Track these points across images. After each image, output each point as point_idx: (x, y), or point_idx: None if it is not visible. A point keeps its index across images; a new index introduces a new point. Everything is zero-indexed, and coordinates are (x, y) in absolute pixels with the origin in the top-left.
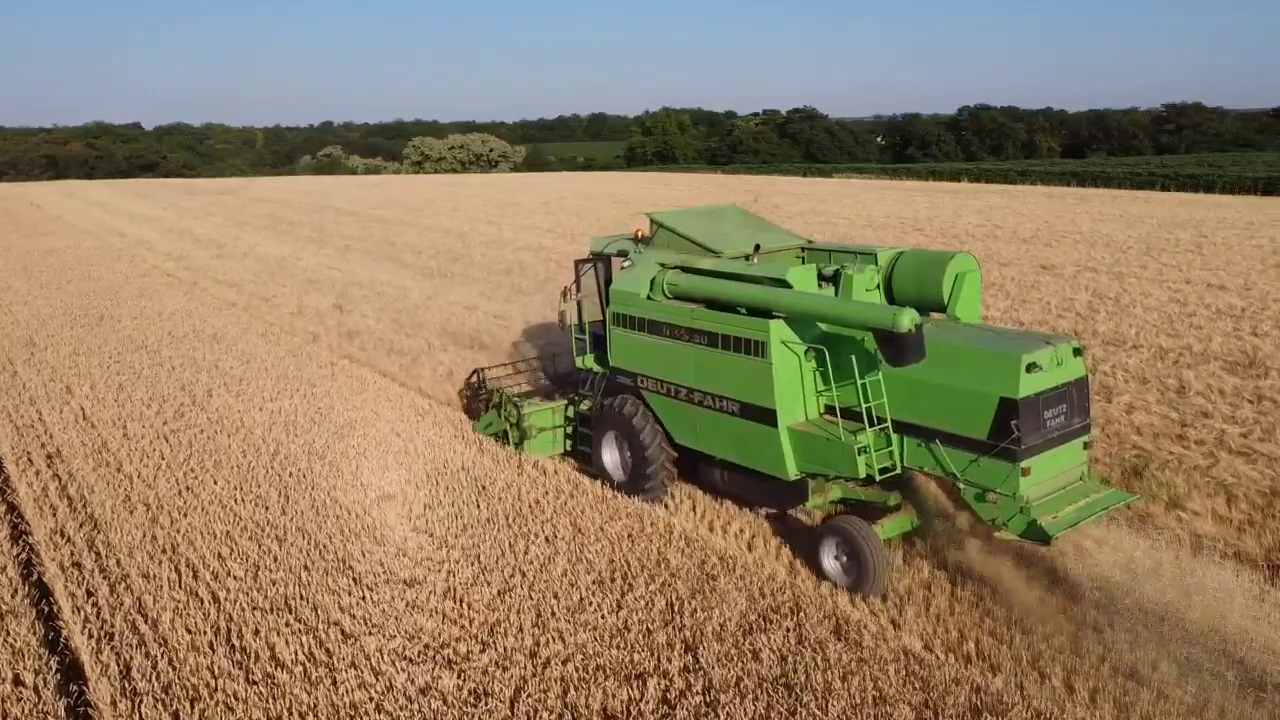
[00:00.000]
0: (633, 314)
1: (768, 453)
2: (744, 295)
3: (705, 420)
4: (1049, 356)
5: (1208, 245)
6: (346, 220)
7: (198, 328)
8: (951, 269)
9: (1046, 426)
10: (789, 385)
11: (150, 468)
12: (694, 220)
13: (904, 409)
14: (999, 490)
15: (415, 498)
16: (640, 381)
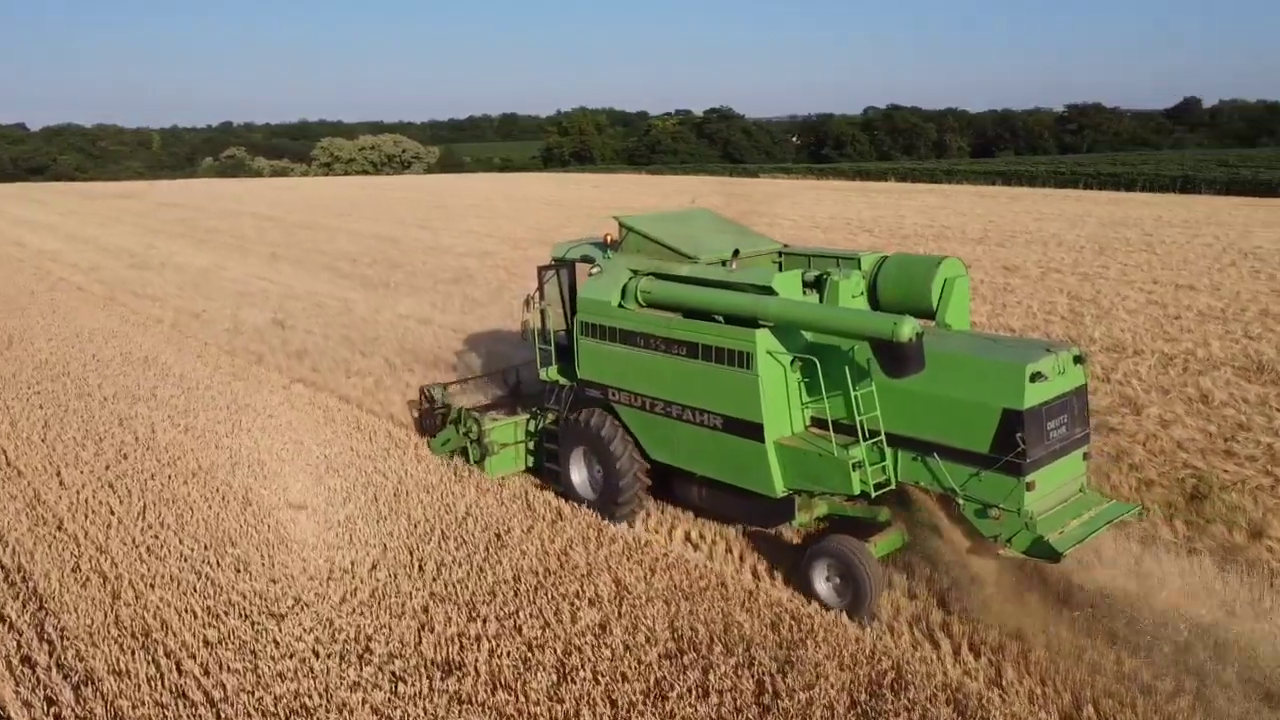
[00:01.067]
0: (603, 323)
1: (753, 469)
2: (728, 303)
3: (684, 435)
4: (1052, 364)
5: (1158, 244)
6: (268, 226)
7: (125, 349)
8: (940, 274)
9: (1050, 438)
10: (776, 397)
11: (98, 525)
12: (665, 224)
13: (898, 421)
14: (1002, 506)
15: (426, 552)
16: (611, 394)
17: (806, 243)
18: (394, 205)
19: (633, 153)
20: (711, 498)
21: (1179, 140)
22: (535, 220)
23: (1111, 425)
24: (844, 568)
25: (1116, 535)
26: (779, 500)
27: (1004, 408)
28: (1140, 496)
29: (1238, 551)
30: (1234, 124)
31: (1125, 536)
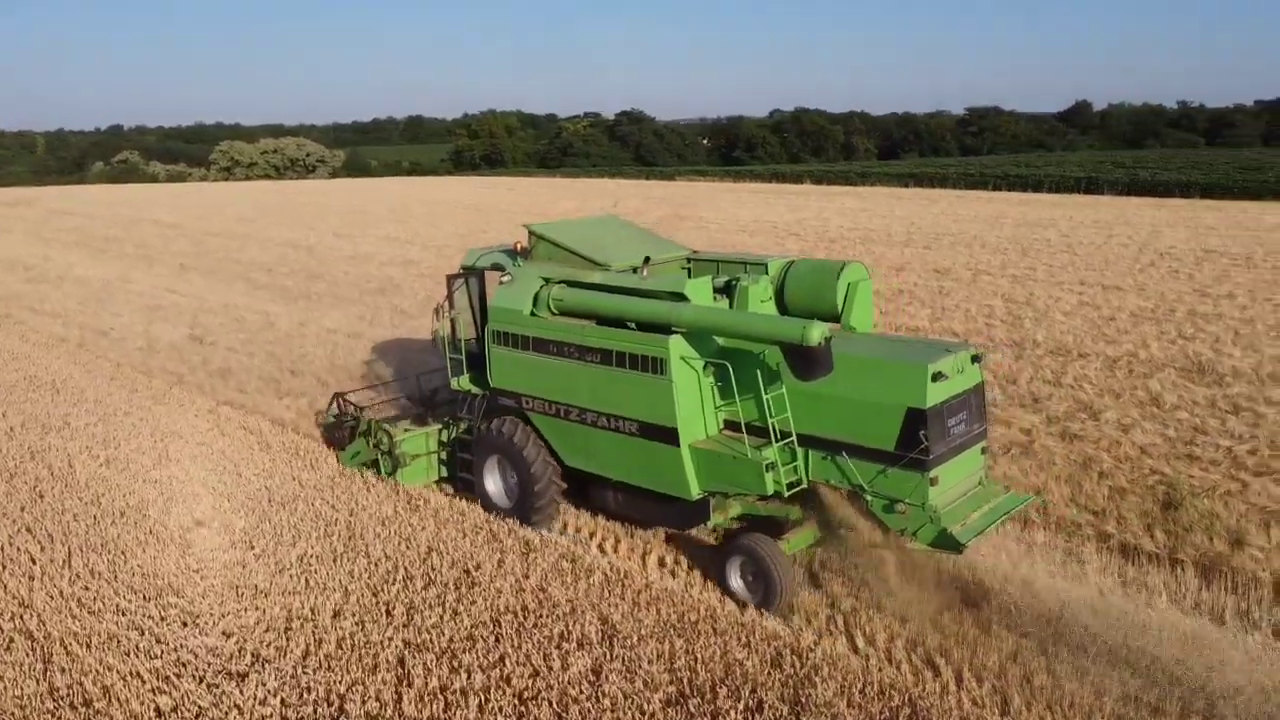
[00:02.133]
0: (515, 331)
1: (669, 472)
2: (641, 311)
3: (600, 441)
4: (952, 364)
5: (1076, 245)
6: (172, 234)
7: (30, 373)
8: (844, 278)
9: (951, 435)
10: (690, 402)
11: (18, 577)
12: (576, 231)
13: (808, 422)
14: (908, 501)
15: (392, 594)
16: (525, 402)
17: (736, 247)
18: (304, 211)
19: (544, 155)
20: (627, 502)
21: (1072, 142)
22: (455, 226)
23: (1074, 431)
24: (756, 565)
25: (1100, 547)
26: (695, 503)
27: (908, 407)
28: (1116, 506)
29: (1222, 560)
30: (1122, 126)
31: (1108, 550)
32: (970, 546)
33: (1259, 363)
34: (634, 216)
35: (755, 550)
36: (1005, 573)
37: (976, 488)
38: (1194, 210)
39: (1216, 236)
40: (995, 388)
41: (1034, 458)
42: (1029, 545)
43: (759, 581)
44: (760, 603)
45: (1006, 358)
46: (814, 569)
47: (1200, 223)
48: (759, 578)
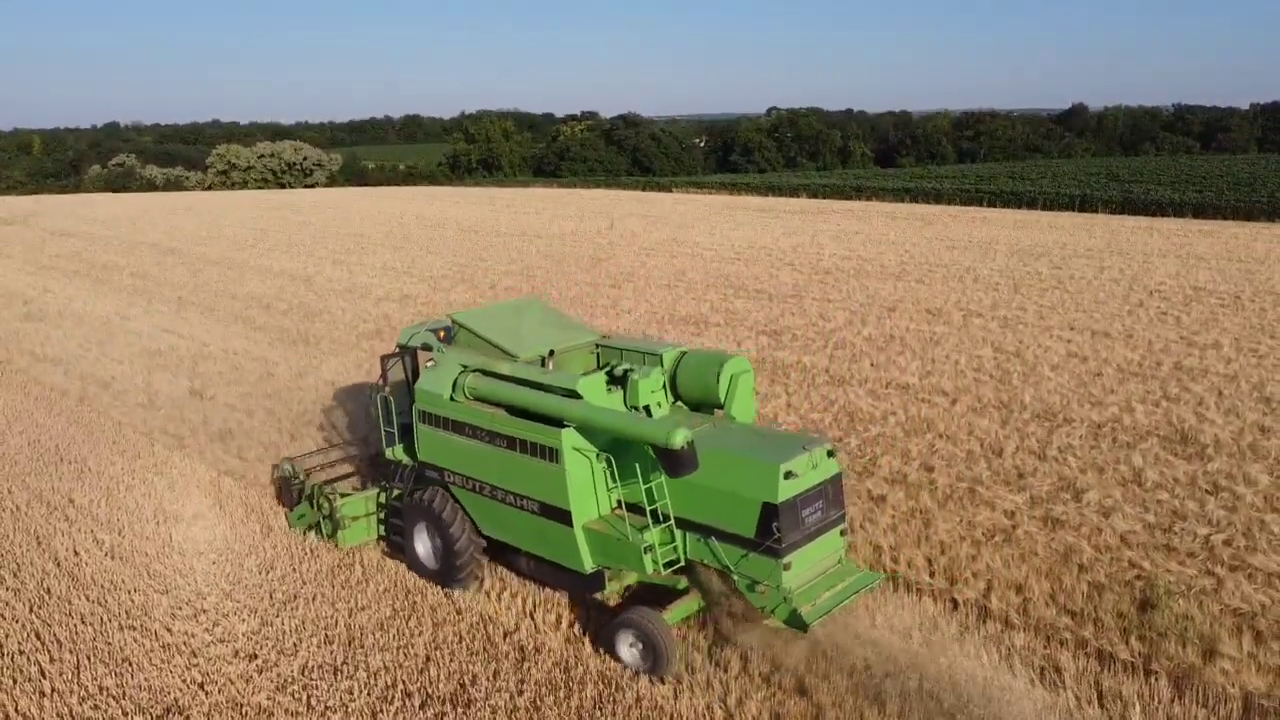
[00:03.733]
0: (437, 413)
1: (566, 548)
2: (538, 404)
3: (509, 515)
4: (805, 461)
5: (1067, 280)
6: (170, 261)
7: (33, 438)
8: (727, 371)
9: (805, 524)
10: (582, 488)
11: (29, 695)
12: (493, 320)
13: (684, 508)
14: (766, 582)
15: (390, 716)
16: (447, 476)
17: (730, 276)
18: (303, 232)
19: (540, 160)
20: (538, 568)
21: (1068, 146)
22: (453, 252)
23: (1056, 516)
24: (643, 636)
25: (1078, 653)
26: (590, 575)
27: (763, 501)
28: (1094, 605)
29: (1194, 672)
30: (1118, 130)
31: (1085, 655)
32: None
33: (1240, 430)
34: (631, 240)
35: (641, 623)
36: (986, 678)
37: (835, 566)
38: (1186, 235)
39: (1206, 269)
40: (981, 460)
41: (1016, 546)
42: (1009, 649)
43: (648, 650)
44: (649, 670)
45: (994, 423)
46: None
47: (1191, 251)
48: (647, 647)
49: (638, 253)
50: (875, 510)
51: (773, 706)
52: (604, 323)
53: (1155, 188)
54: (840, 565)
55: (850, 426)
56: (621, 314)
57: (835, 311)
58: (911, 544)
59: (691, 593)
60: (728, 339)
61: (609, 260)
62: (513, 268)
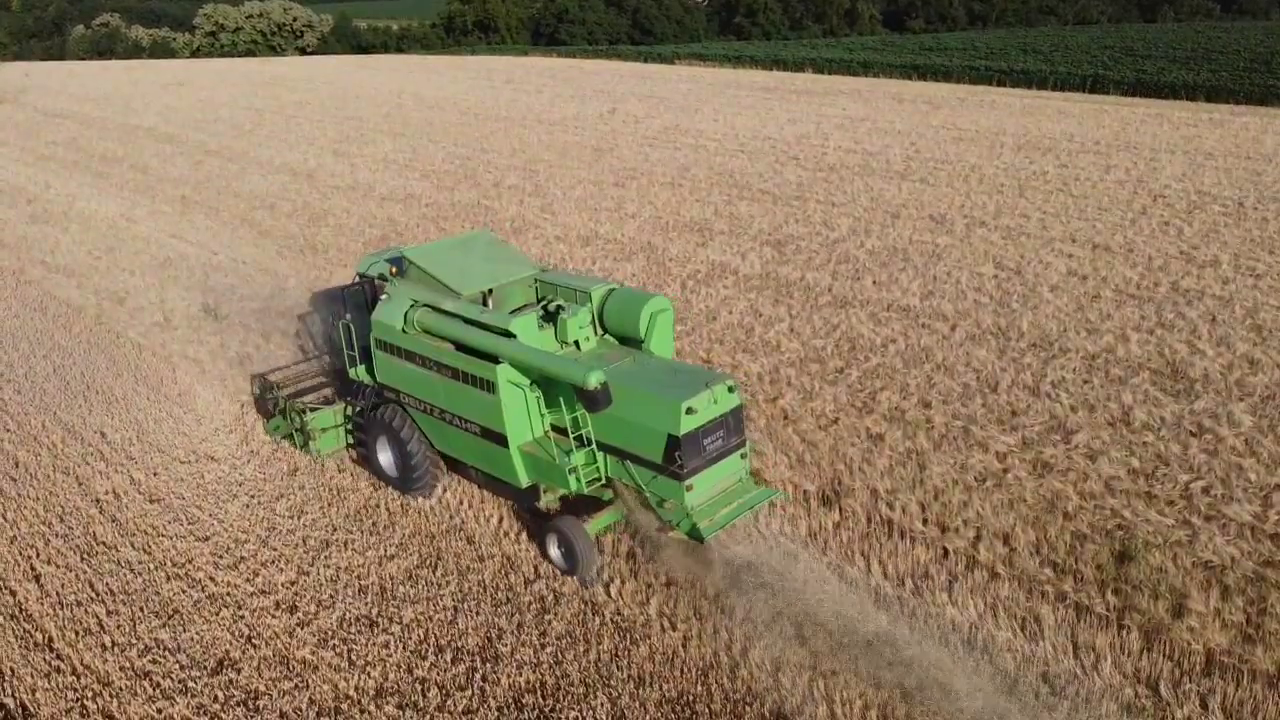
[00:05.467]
0: (391, 342)
1: (504, 466)
2: (477, 342)
3: (456, 435)
4: (706, 398)
5: (1073, 181)
6: (169, 151)
7: (57, 364)
8: (647, 309)
9: (706, 451)
10: (516, 415)
11: (92, 648)
12: (441, 256)
13: (604, 435)
14: (671, 500)
15: (425, 672)
16: (403, 397)
17: (734, 171)
18: (302, 117)
19: (538, 24)
20: (483, 479)
21: (1084, 8)
22: (454, 141)
23: (1046, 459)
24: (565, 541)
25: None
26: (526, 488)
27: (668, 433)
28: (1075, 558)
29: (1163, 629)
30: None
31: (1064, 607)
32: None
33: (1230, 363)
34: (634, 126)
35: (564, 530)
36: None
37: (735, 484)
38: (1196, 125)
39: (1213, 170)
40: (978, 396)
41: (1005, 492)
42: (995, 599)
43: (570, 554)
44: (568, 570)
45: (991, 353)
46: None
47: (1200, 147)
48: (569, 551)
49: (640, 143)
50: (873, 450)
51: (774, 655)
52: (609, 229)
53: (1168, 66)
54: (740, 484)
55: (851, 356)
56: (625, 219)
57: (839, 218)
58: (907, 488)
59: (615, 505)
60: (731, 249)
61: (611, 153)
62: (515, 161)
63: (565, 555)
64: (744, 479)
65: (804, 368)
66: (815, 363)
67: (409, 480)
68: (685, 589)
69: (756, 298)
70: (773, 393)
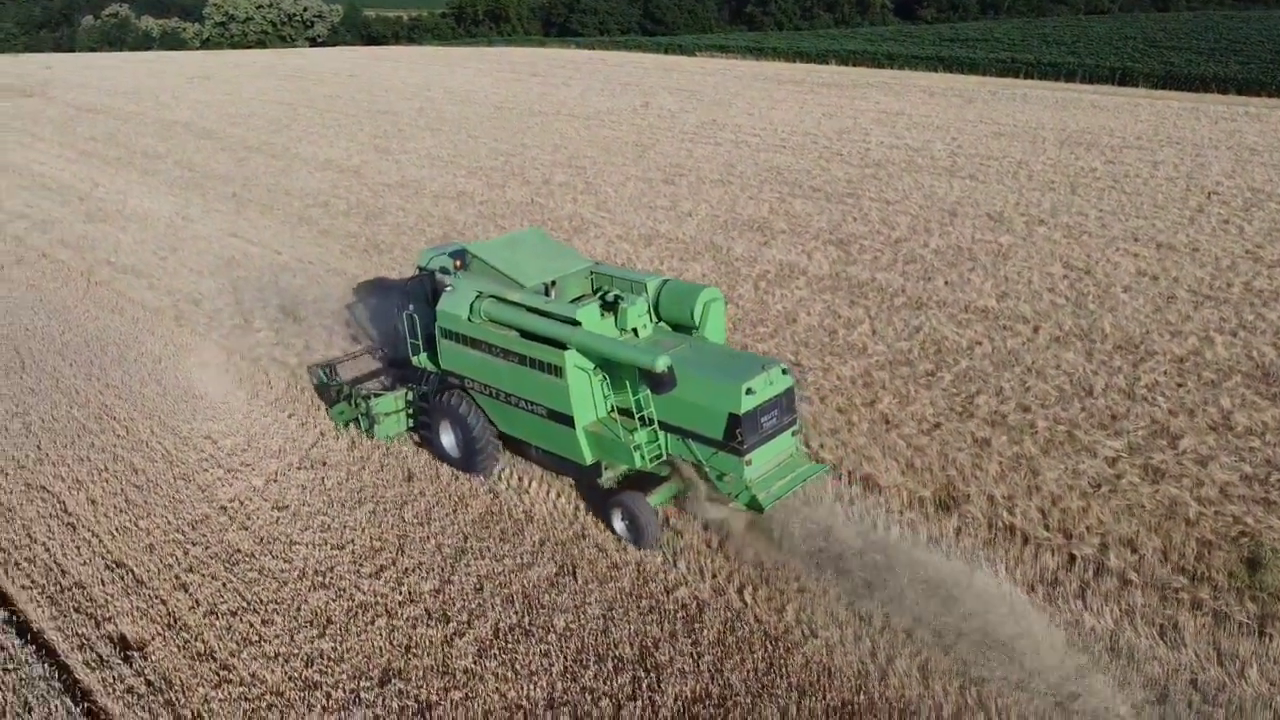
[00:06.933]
0: (458, 331)
1: (569, 445)
2: (545, 329)
3: (521, 417)
4: (763, 380)
5: (1123, 179)
6: (210, 148)
7: (153, 372)
8: (700, 300)
9: (763, 428)
10: (582, 397)
11: (256, 658)
12: (501, 251)
13: (666, 415)
14: (731, 474)
15: (613, 688)
16: (468, 383)
17: (779, 168)
18: (334, 111)
19: (549, 13)
20: (545, 458)
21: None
22: (493, 136)
23: (1156, 465)
24: (630, 514)
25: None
26: (589, 465)
27: (729, 412)
28: (1205, 565)
29: None
30: None
31: (1200, 613)
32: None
33: None
34: (670, 121)
35: (628, 504)
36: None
37: (787, 460)
38: (1234, 119)
39: (1261, 166)
40: (1075, 401)
41: (1122, 498)
42: (1130, 606)
43: (634, 526)
44: (633, 542)
45: (1079, 356)
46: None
47: (1243, 142)
48: (634, 523)
49: (680, 139)
50: (981, 455)
51: (920, 662)
52: (668, 228)
53: (1195, 58)
54: (792, 459)
55: (940, 359)
56: (683, 217)
57: (897, 216)
58: (1023, 495)
59: (673, 479)
60: (795, 249)
61: (654, 148)
62: (559, 157)
63: (629, 527)
64: (795, 454)
65: (894, 371)
66: (904, 365)
67: (472, 460)
68: (819, 597)
69: (831, 299)
70: (868, 396)
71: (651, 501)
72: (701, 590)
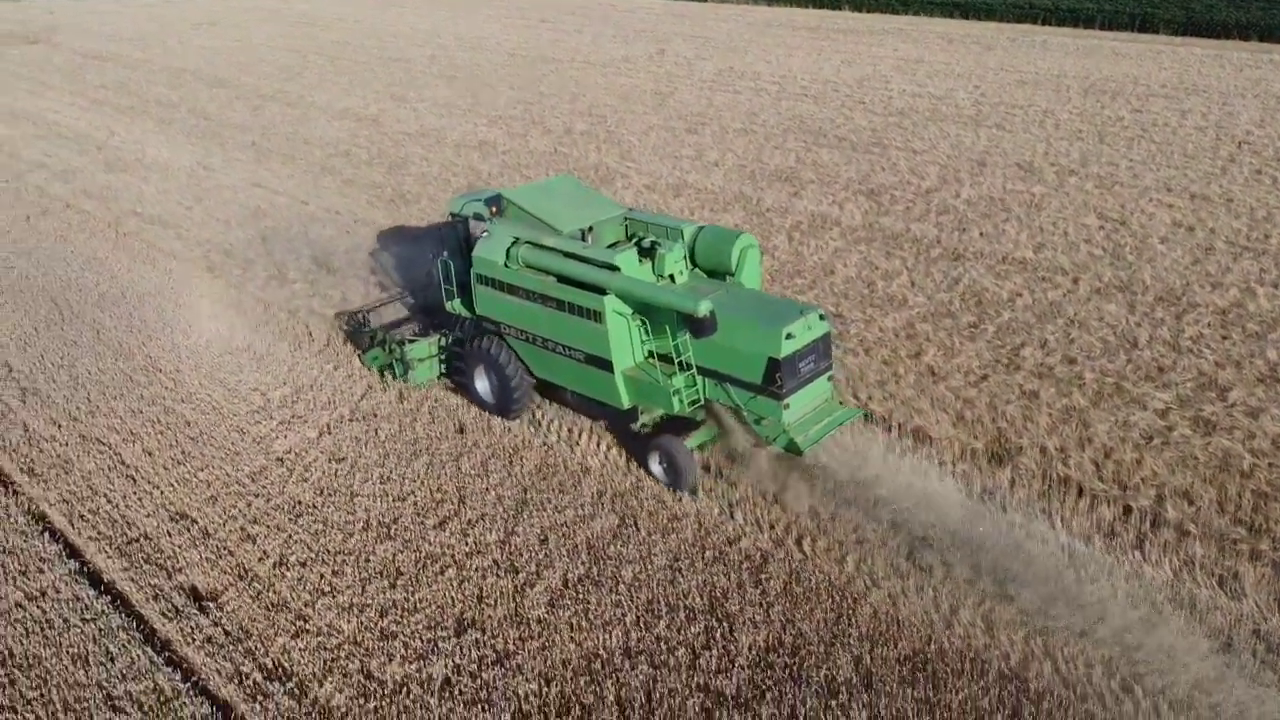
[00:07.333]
0: (494, 276)
1: (607, 389)
2: (584, 275)
3: (558, 361)
4: (802, 325)
5: (1151, 128)
6: (224, 96)
7: (189, 319)
8: (738, 246)
9: (801, 373)
10: (620, 341)
11: (328, 605)
12: (536, 197)
13: (705, 360)
14: (769, 418)
15: (689, 638)
16: (504, 328)
17: (801, 116)
18: (345, 58)
19: None
20: (579, 402)
21: None
22: (509, 85)
23: (1207, 417)
24: (668, 456)
25: (1254, 565)
26: (626, 409)
27: (769, 356)
28: (1262, 516)
29: None
30: None
31: (1260, 564)
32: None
33: None
34: (688, 69)
35: (667, 446)
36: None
37: (823, 404)
38: (1259, 67)
39: None
40: (1120, 353)
41: (1175, 450)
42: (1188, 557)
43: (671, 468)
44: (670, 484)
45: (1120, 308)
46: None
47: (1270, 90)
48: (671, 465)
49: (699, 87)
50: (1031, 407)
51: (984, 612)
52: (696, 178)
53: (1216, 4)
54: (827, 403)
55: (981, 311)
56: (709, 167)
57: (926, 166)
58: (1075, 447)
59: (707, 423)
60: (826, 199)
61: (672, 96)
62: (578, 106)
63: (668, 470)
64: (829, 399)
65: (937, 323)
66: (946, 317)
67: (507, 404)
68: (878, 548)
69: (867, 250)
70: (912, 348)
71: (687, 445)
72: (762, 541)
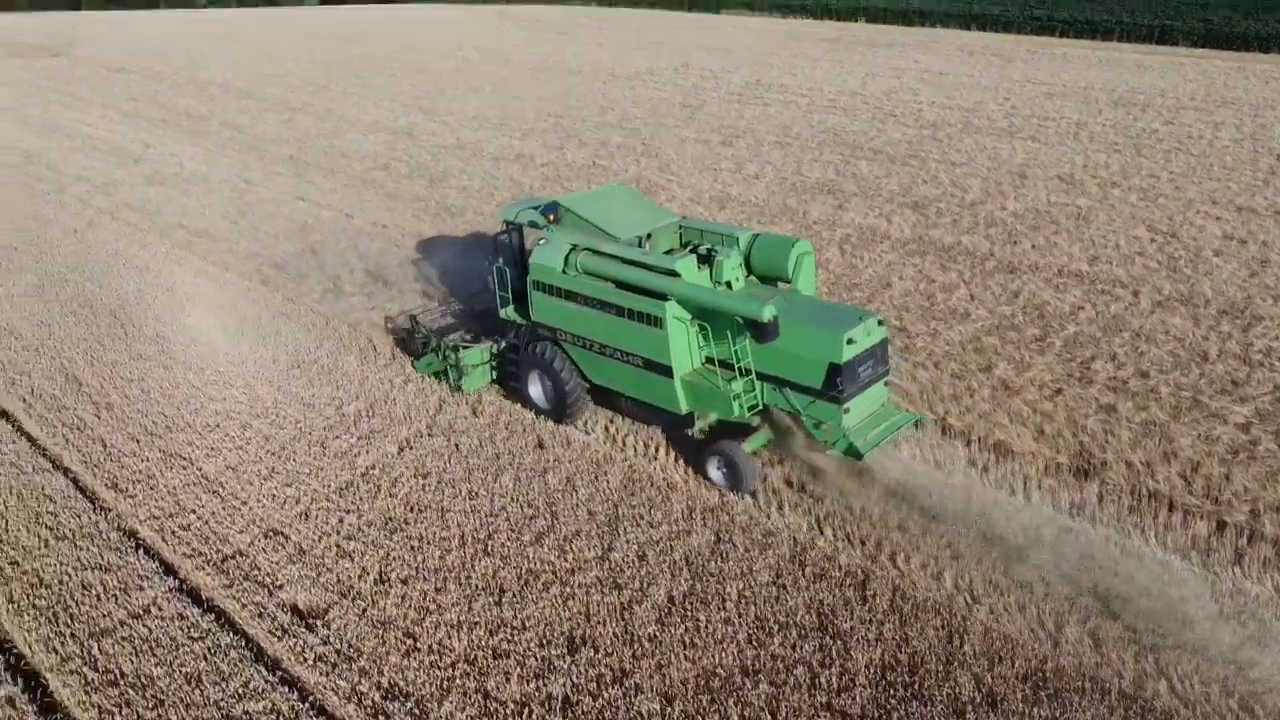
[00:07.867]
0: (551, 283)
1: (665, 394)
2: (645, 281)
3: (615, 367)
4: (862, 330)
5: (1187, 140)
6: (254, 109)
7: (260, 335)
8: (795, 252)
9: (860, 378)
10: (680, 347)
11: (435, 624)
12: (592, 204)
13: (764, 365)
14: (829, 422)
15: (784, 651)
16: (560, 334)
17: (833, 129)
18: (370, 70)
19: None
20: (635, 409)
21: None
22: (537, 97)
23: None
24: (727, 460)
25: None
26: (684, 415)
27: (830, 361)
28: None
29: None
30: None
31: None
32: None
33: None
34: (714, 81)
35: (725, 450)
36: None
37: (880, 409)
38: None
39: None
40: (1192, 367)
41: (1261, 464)
42: None
43: (731, 472)
44: (730, 487)
45: (1186, 322)
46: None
47: None
48: (731, 469)
49: (728, 100)
50: (1110, 421)
51: (1090, 629)
52: (738, 190)
53: (1233, 16)
54: (883, 408)
55: (1045, 325)
56: (750, 180)
57: (967, 179)
58: (1160, 461)
59: (763, 428)
60: (872, 212)
61: (702, 109)
62: (609, 119)
63: (727, 474)
64: (885, 404)
65: (1003, 336)
66: (1011, 330)
67: (562, 409)
68: (973, 564)
69: (921, 263)
70: (983, 362)
71: (746, 448)
72: (855, 556)
